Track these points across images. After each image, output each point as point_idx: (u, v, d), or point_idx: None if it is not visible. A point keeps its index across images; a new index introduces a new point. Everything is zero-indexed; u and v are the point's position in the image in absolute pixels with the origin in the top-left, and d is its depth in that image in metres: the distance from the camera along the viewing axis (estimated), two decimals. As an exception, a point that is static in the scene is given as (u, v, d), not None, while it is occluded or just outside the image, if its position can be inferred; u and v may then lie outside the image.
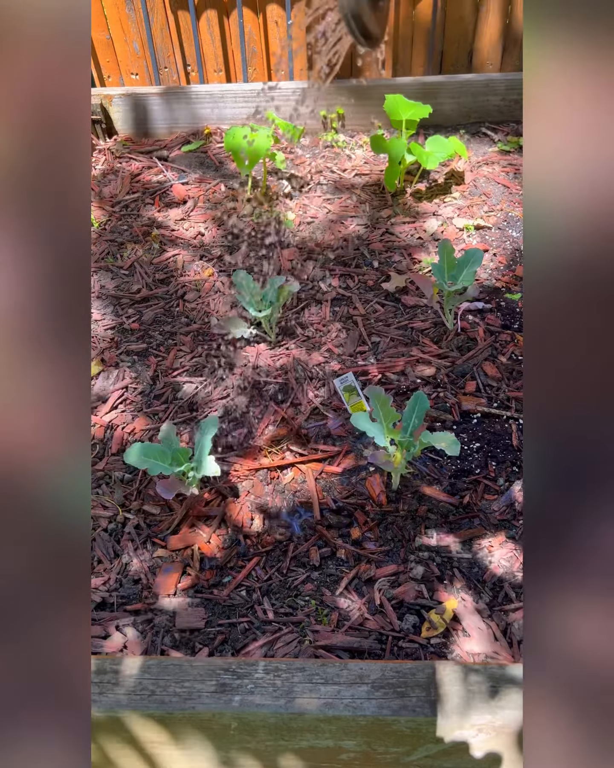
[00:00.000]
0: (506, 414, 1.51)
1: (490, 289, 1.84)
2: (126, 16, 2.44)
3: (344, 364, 1.65)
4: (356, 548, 1.30)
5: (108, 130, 2.47)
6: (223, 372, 1.64)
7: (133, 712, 0.92)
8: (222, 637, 1.19)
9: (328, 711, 0.90)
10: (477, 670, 0.93)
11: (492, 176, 2.22)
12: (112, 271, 1.96)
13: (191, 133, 2.47)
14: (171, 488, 1.29)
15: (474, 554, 1.28)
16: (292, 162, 2.33)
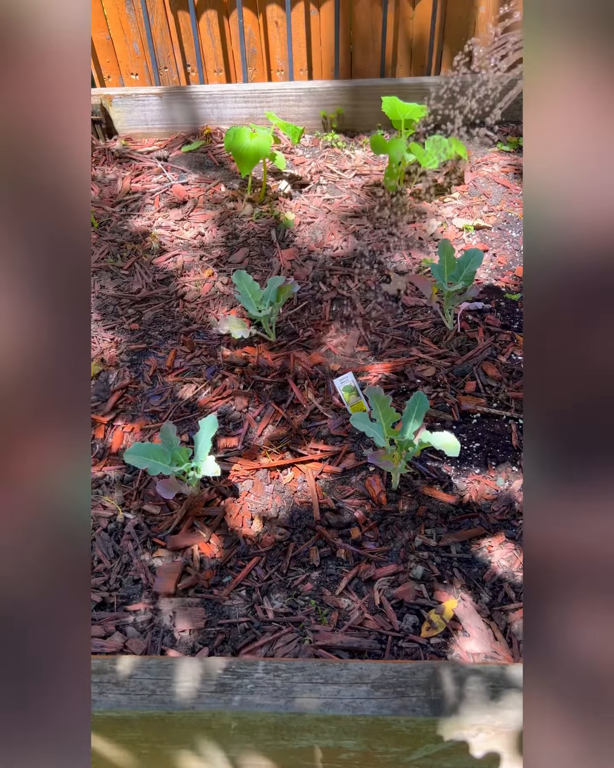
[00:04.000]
0: (506, 414, 1.51)
1: (490, 289, 1.84)
2: (126, 16, 2.44)
3: (344, 364, 1.65)
4: (356, 548, 1.30)
5: (108, 130, 2.47)
6: (223, 372, 1.64)
7: (133, 712, 0.92)
8: (222, 637, 1.19)
9: (328, 711, 0.90)
10: (477, 670, 0.93)
11: (492, 176, 2.22)
12: (112, 271, 1.96)
13: (191, 133, 2.47)
14: (171, 488, 1.29)
15: (474, 554, 1.28)
16: (292, 162, 2.33)
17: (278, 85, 2.37)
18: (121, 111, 2.43)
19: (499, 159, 2.29)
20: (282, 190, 2.20)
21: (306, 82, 2.40)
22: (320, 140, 2.42)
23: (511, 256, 1.95)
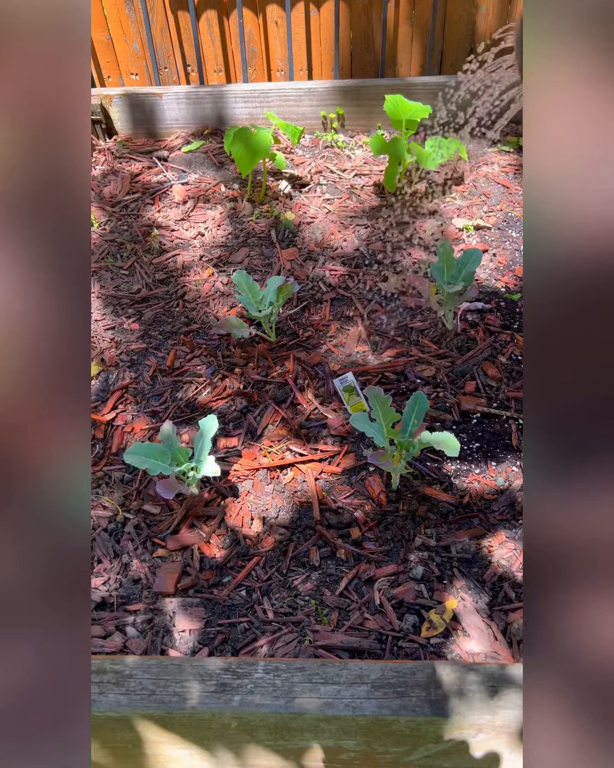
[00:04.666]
0: (506, 414, 1.51)
1: (490, 289, 1.84)
2: (126, 16, 2.44)
3: (344, 364, 1.65)
4: (356, 548, 1.30)
5: (108, 130, 2.47)
6: (223, 372, 1.64)
7: (133, 712, 0.92)
8: (222, 637, 1.19)
9: (328, 711, 0.90)
10: (477, 670, 0.93)
11: (492, 176, 2.22)
12: (112, 271, 1.96)
13: (191, 133, 2.47)
14: (171, 488, 1.29)
15: (474, 554, 1.28)
16: (292, 162, 2.33)
17: (278, 85, 2.37)
18: (121, 111, 2.43)
19: (499, 159, 2.29)
20: (282, 190, 2.20)
21: (306, 82, 2.40)
22: (320, 140, 2.42)
23: (511, 256, 1.95)
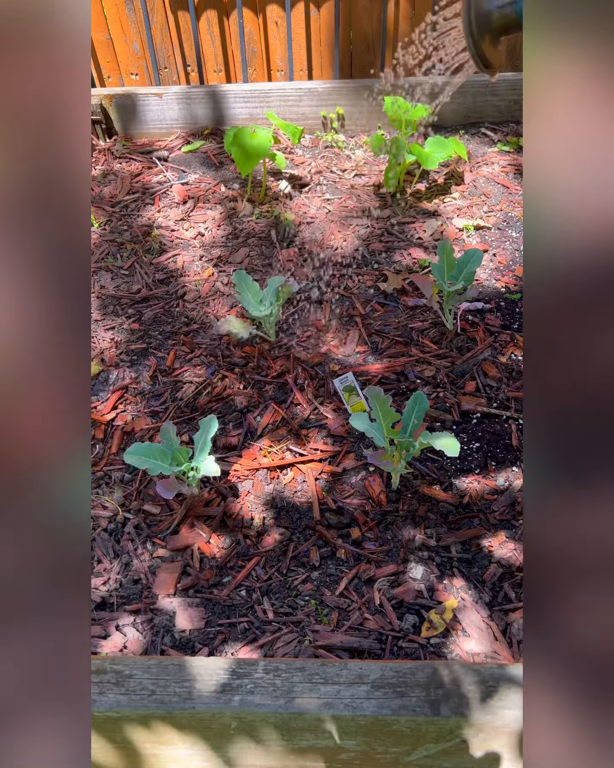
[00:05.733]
0: (506, 414, 1.51)
1: (490, 289, 1.84)
2: (126, 16, 2.44)
3: (344, 364, 1.65)
4: (356, 548, 1.30)
5: (108, 130, 2.47)
6: (223, 372, 1.64)
7: (133, 712, 0.92)
8: (222, 637, 1.19)
9: (328, 711, 0.90)
10: (477, 670, 0.93)
11: (492, 176, 2.22)
12: (112, 271, 1.96)
13: (191, 133, 2.47)
14: (171, 488, 1.29)
15: (474, 554, 1.28)
16: (292, 162, 2.33)
17: (278, 85, 2.37)
18: (121, 111, 2.43)
19: (499, 159, 2.29)
20: (282, 190, 2.20)
21: (306, 82, 2.40)
22: (320, 140, 2.42)
23: (511, 256, 1.95)
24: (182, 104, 2.41)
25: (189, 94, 2.39)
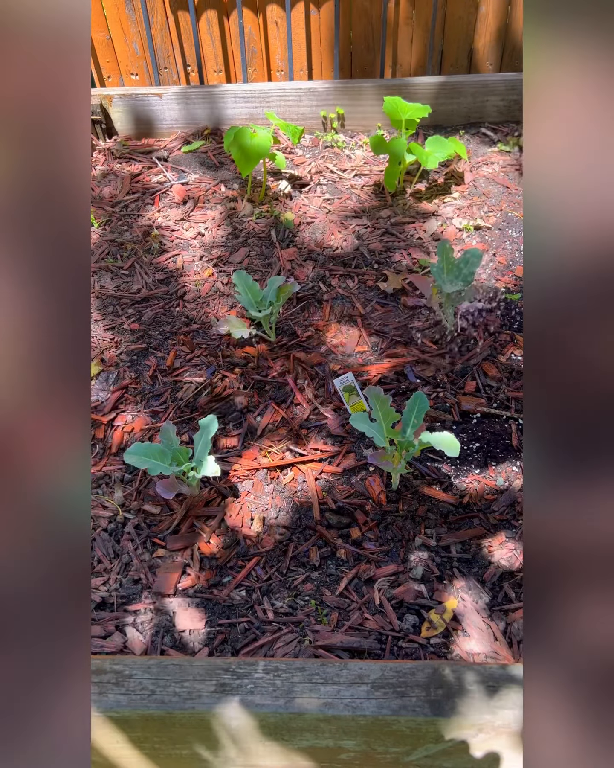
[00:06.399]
0: (506, 414, 1.51)
1: (490, 289, 1.84)
2: (126, 16, 2.44)
3: (344, 364, 1.65)
4: (356, 548, 1.30)
5: (108, 130, 2.47)
6: (223, 372, 1.64)
7: (133, 712, 0.92)
8: (222, 637, 1.19)
9: (328, 711, 0.90)
10: (477, 670, 0.93)
11: (492, 176, 2.22)
12: (112, 271, 1.96)
13: (191, 133, 2.47)
14: (171, 488, 1.29)
15: (474, 554, 1.28)
16: (292, 162, 2.33)
17: (278, 85, 2.37)
18: (121, 111, 2.43)
19: (499, 159, 2.29)
20: (282, 190, 2.20)
21: (306, 82, 2.40)
22: (320, 140, 2.42)
23: (511, 256, 1.94)
24: (182, 104, 2.41)
25: (189, 94, 2.39)
